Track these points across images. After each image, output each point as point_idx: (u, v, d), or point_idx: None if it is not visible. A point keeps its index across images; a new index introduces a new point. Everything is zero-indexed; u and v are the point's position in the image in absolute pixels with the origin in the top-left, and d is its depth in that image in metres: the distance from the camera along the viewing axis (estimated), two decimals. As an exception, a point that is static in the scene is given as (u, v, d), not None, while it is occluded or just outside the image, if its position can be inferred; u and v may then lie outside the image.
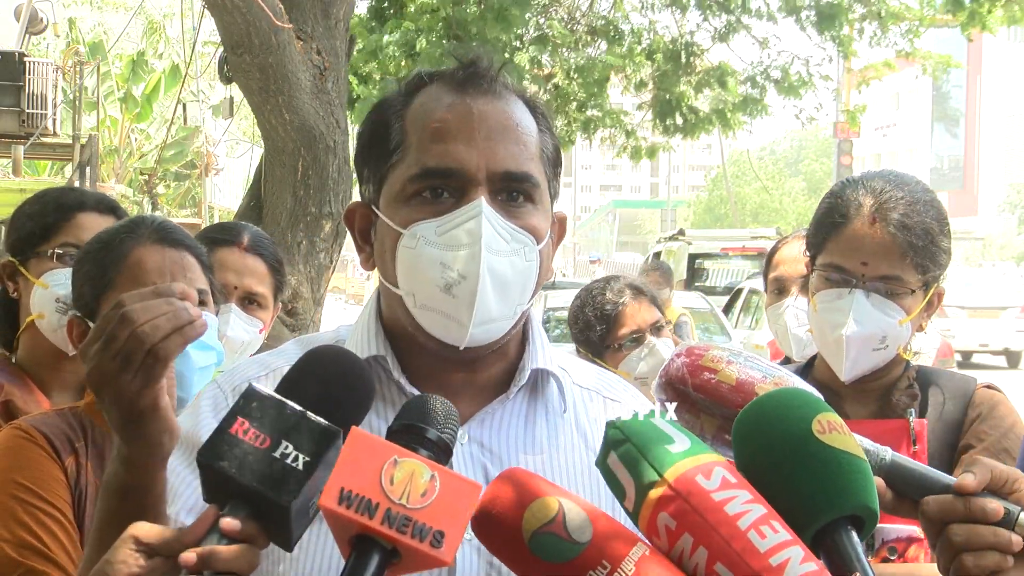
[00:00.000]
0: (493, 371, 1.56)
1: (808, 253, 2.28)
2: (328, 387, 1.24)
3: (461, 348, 1.48)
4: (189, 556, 1.14)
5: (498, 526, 1.18)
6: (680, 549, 1.15)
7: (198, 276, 2.25)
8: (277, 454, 1.16)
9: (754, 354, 1.41)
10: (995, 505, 1.28)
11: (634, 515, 1.21)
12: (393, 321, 1.54)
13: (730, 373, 1.36)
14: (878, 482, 1.30)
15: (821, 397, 1.38)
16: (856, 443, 1.23)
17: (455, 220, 1.45)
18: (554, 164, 1.57)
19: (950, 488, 1.31)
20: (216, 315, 2.31)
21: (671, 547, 1.16)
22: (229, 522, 1.16)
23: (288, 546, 1.21)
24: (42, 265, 2.71)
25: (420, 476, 1.13)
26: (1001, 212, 54.61)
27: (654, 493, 1.18)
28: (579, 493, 1.52)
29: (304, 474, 1.15)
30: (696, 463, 1.18)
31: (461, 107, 1.49)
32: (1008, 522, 1.28)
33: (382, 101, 1.58)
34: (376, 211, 1.53)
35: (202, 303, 2.25)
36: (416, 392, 1.51)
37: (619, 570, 1.14)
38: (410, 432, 1.19)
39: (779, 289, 3.35)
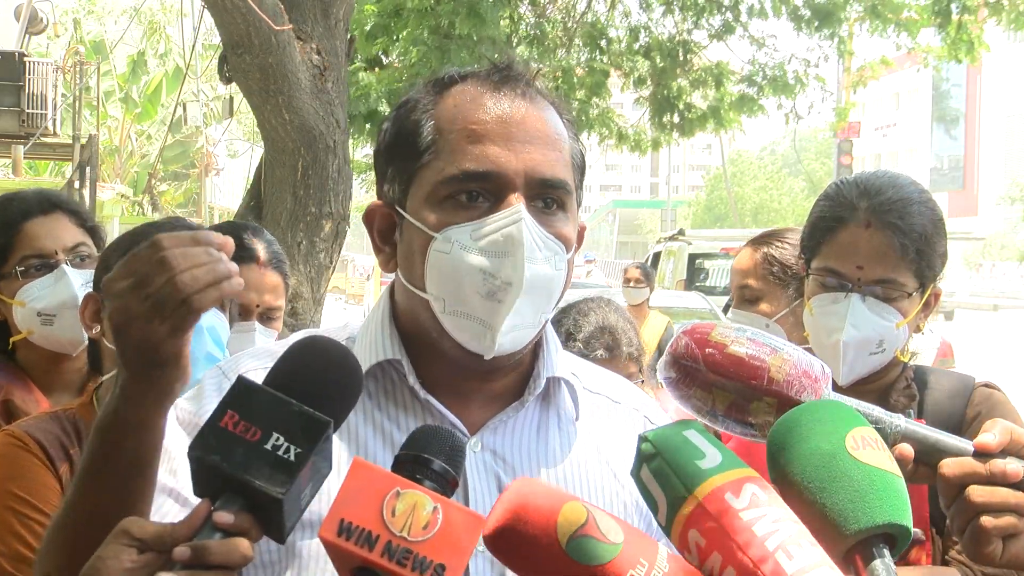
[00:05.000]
0: (508, 379, 1.54)
1: (803, 256, 2.27)
2: (317, 378, 1.22)
3: (487, 357, 1.44)
4: (182, 550, 1.13)
5: (529, 536, 1.14)
6: (710, 567, 1.15)
7: None
8: (268, 446, 1.15)
9: (757, 330, 1.41)
10: (1016, 466, 1.28)
11: (667, 530, 1.20)
12: (410, 325, 1.51)
13: (738, 348, 1.34)
14: (904, 448, 1.30)
15: (830, 372, 1.38)
16: (891, 459, 1.22)
17: (493, 224, 1.41)
18: (581, 172, 1.55)
19: (965, 452, 1.31)
20: (228, 320, 2.31)
21: (702, 564, 1.15)
22: (222, 515, 1.15)
23: (281, 538, 1.21)
24: (11, 285, 2.70)
25: (422, 508, 1.11)
26: (999, 204, 54.54)
27: (684, 510, 1.17)
28: (594, 503, 1.52)
29: (296, 465, 1.14)
30: (726, 479, 1.17)
31: (498, 109, 1.46)
32: None
33: (408, 99, 1.53)
34: (402, 212, 1.49)
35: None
36: (430, 398, 1.49)
37: (656, 567, 1.13)
38: (415, 462, 1.17)
39: None
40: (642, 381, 3.33)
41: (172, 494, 1.43)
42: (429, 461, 1.17)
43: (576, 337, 3.19)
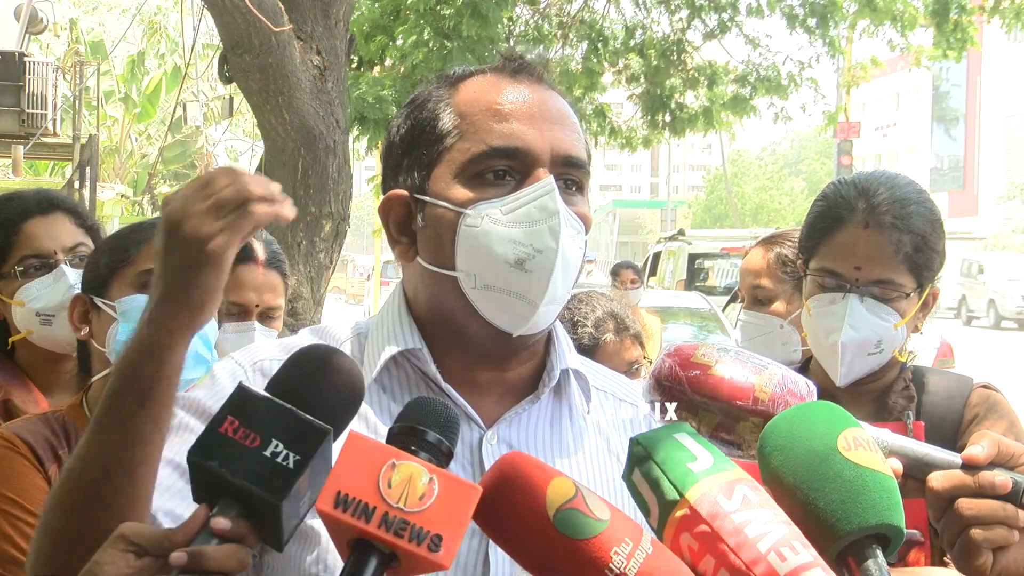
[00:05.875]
0: (522, 370, 1.55)
1: (801, 256, 2.27)
2: (318, 386, 1.23)
3: (515, 335, 1.46)
4: (179, 556, 1.13)
5: (517, 505, 1.15)
6: (703, 570, 1.15)
7: None
8: (267, 453, 1.15)
9: (742, 348, 1.41)
10: (1003, 478, 1.28)
11: (659, 533, 1.20)
12: (430, 315, 1.52)
13: (722, 369, 1.34)
14: (892, 463, 1.30)
15: (815, 389, 1.38)
16: (883, 460, 1.22)
17: (525, 198, 1.44)
18: (589, 160, 1.58)
19: (953, 464, 1.31)
20: (216, 320, 2.31)
21: (695, 567, 1.15)
22: (219, 521, 1.15)
23: (279, 545, 1.20)
24: (10, 285, 2.71)
25: (418, 479, 1.11)
26: (999, 203, 54.50)
27: (676, 513, 1.17)
28: (606, 496, 1.53)
29: (295, 473, 1.14)
30: (717, 482, 1.17)
31: (520, 91, 1.51)
32: (1016, 494, 1.28)
33: (418, 95, 1.57)
34: (422, 198, 1.50)
35: None
36: (450, 388, 1.49)
37: (640, 547, 1.13)
38: (410, 434, 1.17)
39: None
40: (649, 362, 3.35)
41: (179, 468, 1.42)
42: (424, 432, 1.17)
43: (584, 324, 3.23)
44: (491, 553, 1.42)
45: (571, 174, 1.50)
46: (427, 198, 1.49)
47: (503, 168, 1.46)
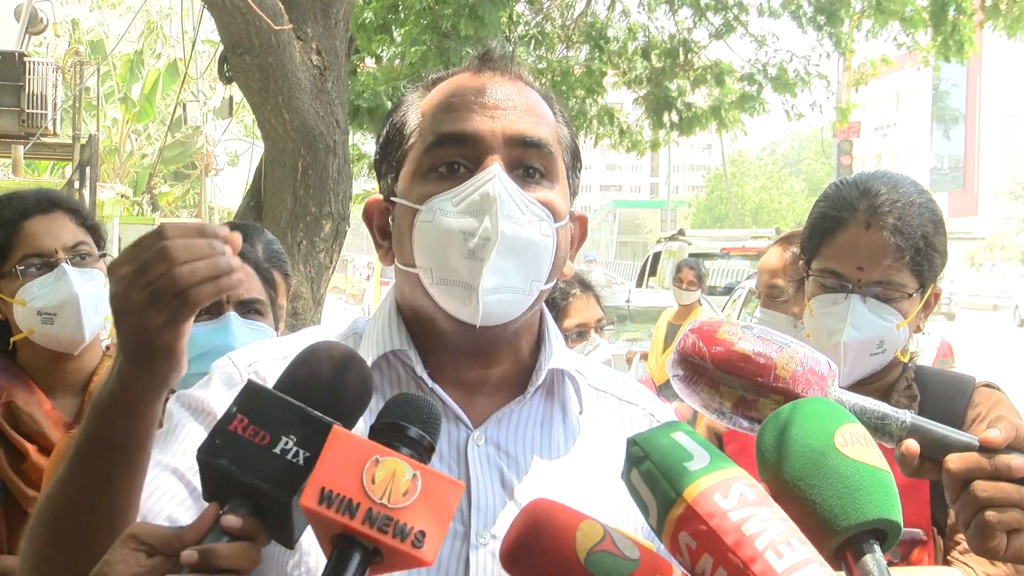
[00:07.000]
0: (508, 369, 1.54)
1: (803, 257, 2.27)
2: (328, 382, 1.23)
3: (477, 325, 1.44)
4: (190, 554, 1.13)
5: (547, 551, 1.15)
6: (702, 569, 1.15)
7: (255, 286, 2.26)
8: (277, 450, 1.15)
9: (764, 327, 1.41)
10: (1020, 461, 1.29)
11: (658, 532, 1.20)
12: (413, 314, 1.52)
13: (745, 345, 1.35)
14: (910, 444, 1.31)
15: (837, 368, 1.38)
16: (880, 455, 1.22)
17: (471, 187, 1.43)
18: (572, 155, 1.56)
19: (970, 447, 1.31)
20: (276, 331, 2.30)
21: (693, 566, 1.16)
22: (230, 519, 1.15)
23: (290, 543, 1.20)
24: (11, 284, 2.71)
25: (402, 475, 1.11)
26: (998, 197, 54.49)
27: (674, 513, 1.17)
28: (597, 499, 1.51)
29: (304, 470, 1.14)
30: (714, 480, 1.17)
31: (476, 82, 1.50)
32: None
33: (401, 100, 1.58)
34: (393, 199, 1.51)
35: (258, 312, 2.26)
36: (437, 388, 1.49)
37: None
38: (392, 430, 1.18)
39: None
40: (612, 326, 3.64)
41: (176, 473, 1.43)
42: (406, 428, 1.17)
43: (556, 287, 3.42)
44: (472, 556, 1.42)
45: (530, 158, 1.47)
46: (396, 199, 1.50)
47: (456, 160, 1.45)
